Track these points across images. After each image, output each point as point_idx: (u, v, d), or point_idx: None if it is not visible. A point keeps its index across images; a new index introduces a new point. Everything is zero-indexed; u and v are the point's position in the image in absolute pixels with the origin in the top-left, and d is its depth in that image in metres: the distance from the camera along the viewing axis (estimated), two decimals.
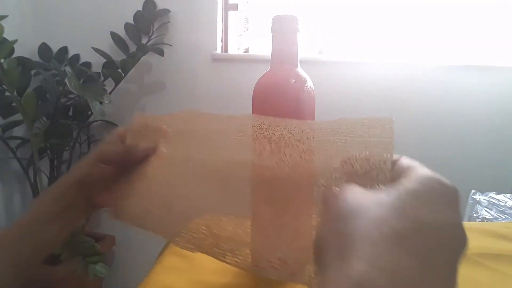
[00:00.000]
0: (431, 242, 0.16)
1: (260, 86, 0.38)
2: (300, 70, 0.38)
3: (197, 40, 1.45)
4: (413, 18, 1.47)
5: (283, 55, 0.38)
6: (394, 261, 0.15)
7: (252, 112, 0.39)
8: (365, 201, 0.17)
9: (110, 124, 1.48)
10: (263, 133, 0.28)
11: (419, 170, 0.19)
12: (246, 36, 1.57)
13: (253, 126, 0.29)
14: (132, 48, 1.38)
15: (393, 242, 0.15)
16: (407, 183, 0.18)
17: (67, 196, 0.36)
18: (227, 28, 1.53)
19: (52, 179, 1.34)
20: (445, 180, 0.19)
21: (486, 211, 1.05)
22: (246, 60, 1.47)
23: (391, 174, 0.20)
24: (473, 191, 1.18)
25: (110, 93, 1.30)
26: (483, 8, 1.45)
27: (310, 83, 0.38)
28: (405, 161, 0.21)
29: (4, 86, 1.10)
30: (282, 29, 0.38)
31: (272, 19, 0.38)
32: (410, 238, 0.16)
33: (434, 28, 1.47)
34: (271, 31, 0.39)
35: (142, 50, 1.31)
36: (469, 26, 1.46)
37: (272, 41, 0.39)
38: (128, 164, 0.35)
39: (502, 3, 1.45)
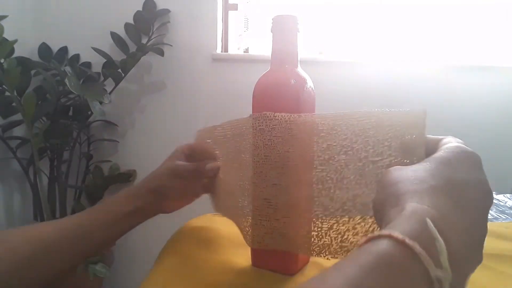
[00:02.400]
0: (462, 192, 0.20)
1: (260, 86, 0.38)
2: (300, 70, 0.38)
3: (197, 40, 1.45)
4: (413, 18, 1.47)
5: (283, 55, 0.38)
6: (442, 209, 0.19)
7: (252, 112, 0.39)
8: (404, 172, 0.22)
9: (110, 124, 1.48)
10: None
11: (450, 144, 0.25)
12: (246, 36, 1.57)
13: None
14: (132, 48, 1.38)
15: (433, 193, 0.20)
16: (438, 154, 0.23)
17: (140, 200, 0.42)
18: (227, 28, 1.53)
19: (52, 179, 1.34)
20: (468, 148, 0.24)
21: None
22: (246, 60, 1.47)
23: (429, 152, 0.25)
24: None
25: (110, 93, 1.30)
26: (483, 9, 1.45)
27: (310, 83, 0.38)
28: (446, 139, 0.26)
29: (4, 86, 1.10)
30: (282, 29, 0.38)
31: (272, 19, 0.38)
32: (444, 190, 0.20)
33: (434, 28, 1.47)
34: (271, 31, 0.39)
35: (142, 50, 1.31)
36: (469, 26, 1.46)
37: (272, 41, 0.39)
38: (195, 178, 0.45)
39: (502, 4, 1.45)
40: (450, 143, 0.25)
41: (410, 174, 0.22)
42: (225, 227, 0.51)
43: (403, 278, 0.15)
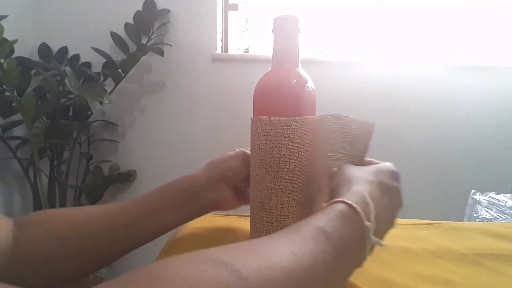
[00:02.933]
0: (389, 193, 0.32)
1: (261, 86, 0.38)
2: (301, 70, 0.38)
3: (197, 40, 1.45)
4: (413, 18, 1.47)
5: (284, 55, 0.38)
6: (372, 193, 0.30)
7: (253, 112, 0.39)
8: (356, 169, 0.34)
9: (110, 124, 1.48)
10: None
11: (387, 164, 0.36)
12: (246, 36, 1.57)
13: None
14: (132, 48, 1.38)
15: (372, 187, 0.31)
16: (379, 165, 0.35)
17: (192, 191, 0.40)
18: (227, 28, 1.53)
19: (52, 179, 1.34)
20: (395, 168, 0.35)
21: (486, 211, 1.05)
22: (246, 60, 1.47)
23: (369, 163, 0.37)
24: (473, 191, 1.18)
25: (110, 93, 1.30)
26: (483, 9, 1.45)
27: (311, 83, 0.38)
28: (386, 163, 0.37)
29: (4, 86, 1.10)
30: (283, 30, 0.38)
31: (273, 20, 0.38)
32: (379, 187, 0.32)
33: (434, 28, 1.47)
34: (272, 32, 0.39)
35: (142, 50, 1.31)
36: (469, 26, 1.46)
37: (273, 41, 0.39)
38: None
39: (502, 4, 1.45)
40: (387, 164, 0.37)
41: (359, 171, 0.34)
42: (225, 227, 0.51)
43: (351, 225, 0.26)
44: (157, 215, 0.39)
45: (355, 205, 0.27)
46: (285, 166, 0.36)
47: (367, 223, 0.27)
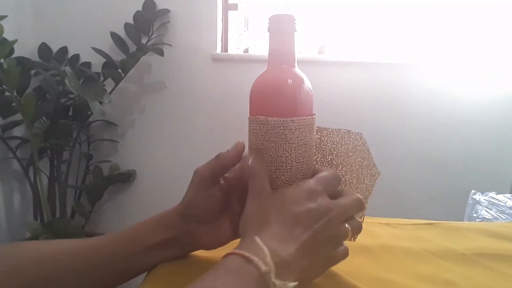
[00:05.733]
0: (300, 220, 0.29)
1: (257, 86, 0.38)
2: (297, 69, 0.38)
3: (197, 40, 1.45)
4: (414, 18, 1.47)
5: (280, 54, 0.38)
6: (272, 232, 0.28)
7: (249, 112, 0.38)
8: (257, 203, 0.33)
9: (110, 124, 1.48)
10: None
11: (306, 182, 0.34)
12: (246, 36, 1.57)
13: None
14: (132, 48, 1.38)
15: (276, 224, 0.29)
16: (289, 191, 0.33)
17: (173, 229, 0.36)
18: (227, 28, 1.53)
19: (52, 179, 1.34)
20: (313, 184, 0.33)
21: (486, 211, 1.04)
22: (245, 60, 1.47)
23: None
24: (473, 191, 1.18)
25: (110, 93, 1.30)
26: (483, 9, 1.45)
27: (307, 83, 0.38)
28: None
29: (4, 86, 1.10)
30: (279, 29, 0.38)
31: (269, 19, 0.38)
32: (290, 220, 0.30)
33: (434, 28, 1.47)
34: (268, 31, 0.38)
35: (142, 50, 1.31)
36: (470, 27, 1.46)
37: (269, 40, 0.38)
38: None
39: (502, 4, 1.45)
40: (302, 185, 0.34)
41: (259, 207, 0.32)
42: None
43: (245, 276, 0.24)
44: (131, 257, 0.34)
45: (247, 254, 0.25)
46: (281, 166, 0.35)
47: (265, 269, 0.25)
